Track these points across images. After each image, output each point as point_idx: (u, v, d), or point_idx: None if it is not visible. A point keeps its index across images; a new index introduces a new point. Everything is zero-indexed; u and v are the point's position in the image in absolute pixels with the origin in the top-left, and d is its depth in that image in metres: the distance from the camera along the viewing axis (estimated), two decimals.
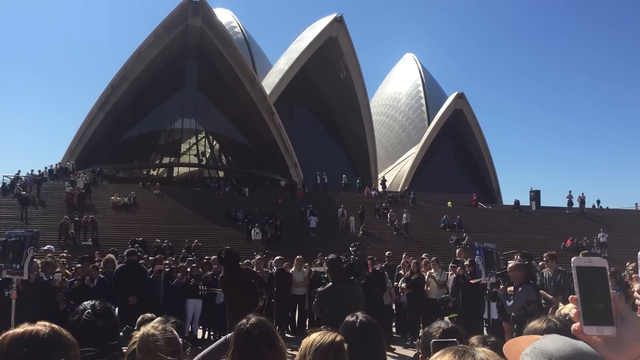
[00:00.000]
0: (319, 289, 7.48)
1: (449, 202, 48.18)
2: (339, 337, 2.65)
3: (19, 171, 41.53)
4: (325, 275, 13.77)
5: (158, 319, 2.80)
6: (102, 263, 12.99)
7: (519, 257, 10.49)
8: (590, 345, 1.20)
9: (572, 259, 1.27)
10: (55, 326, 1.97)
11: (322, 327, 2.81)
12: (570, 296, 1.25)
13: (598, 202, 52.51)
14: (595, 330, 1.18)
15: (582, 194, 47.86)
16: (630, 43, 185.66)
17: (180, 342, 2.70)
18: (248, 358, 2.91)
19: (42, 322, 1.94)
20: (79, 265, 12.59)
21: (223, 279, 9.13)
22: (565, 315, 3.09)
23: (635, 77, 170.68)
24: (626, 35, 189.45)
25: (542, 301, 9.72)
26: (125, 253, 12.60)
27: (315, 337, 2.59)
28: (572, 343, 1.25)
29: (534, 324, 2.84)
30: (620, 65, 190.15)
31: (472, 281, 10.61)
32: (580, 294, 1.21)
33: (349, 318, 3.34)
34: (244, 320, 3.14)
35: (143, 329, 2.60)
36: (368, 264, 14.08)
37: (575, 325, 1.21)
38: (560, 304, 7.48)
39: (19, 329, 1.89)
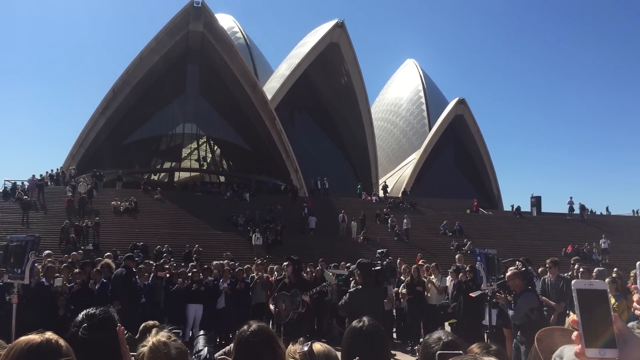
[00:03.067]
0: (351, 290, 7.79)
1: (468, 210, 48.39)
2: (333, 351, 2.66)
3: (41, 174, 41.49)
4: (343, 277, 13.87)
5: (163, 330, 2.77)
6: (98, 267, 12.90)
7: (519, 264, 10.46)
8: None
9: (573, 282, 1.26)
10: (52, 337, 2.00)
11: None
12: (572, 319, 1.25)
13: (607, 209, 53.04)
14: (597, 352, 1.18)
15: (579, 203, 47.89)
16: (630, 48, 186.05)
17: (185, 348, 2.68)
18: None
19: (40, 333, 1.99)
20: (76, 271, 12.56)
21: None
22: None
23: (636, 82, 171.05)
24: (627, 39, 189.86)
25: (544, 308, 9.71)
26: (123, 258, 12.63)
27: (319, 348, 2.59)
28: None
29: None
30: (621, 71, 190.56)
31: (472, 294, 10.61)
32: (582, 317, 1.21)
33: (355, 323, 3.34)
34: (245, 327, 3.13)
35: (153, 339, 2.55)
36: (396, 270, 14.08)
37: (577, 348, 1.20)
38: (571, 313, 7.46)
39: (13, 343, 1.94)
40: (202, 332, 3.50)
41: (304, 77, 59.91)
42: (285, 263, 9.50)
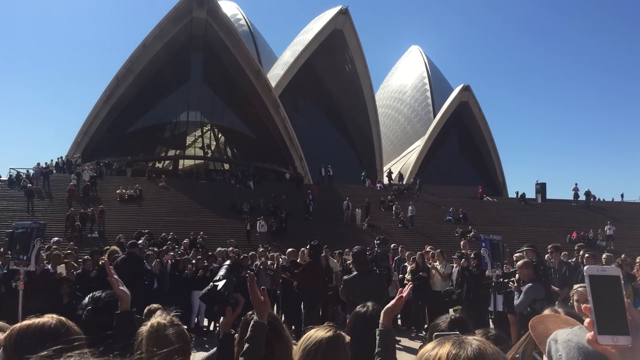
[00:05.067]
0: (345, 277, 8.09)
1: (486, 197, 48.43)
2: (330, 333, 2.54)
3: (46, 162, 41.98)
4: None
5: (159, 311, 2.78)
6: (106, 255, 12.99)
7: (526, 253, 10.41)
8: (606, 355, 1.18)
9: (585, 268, 1.25)
10: (62, 318, 2.05)
11: (326, 323, 2.77)
12: (584, 305, 1.23)
13: (621, 196, 53.18)
14: (609, 339, 1.17)
15: (586, 189, 47.74)
16: (637, 36, 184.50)
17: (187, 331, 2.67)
18: None
19: (50, 315, 2.05)
20: (86, 257, 12.65)
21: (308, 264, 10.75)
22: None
23: None
24: (634, 28, 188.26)
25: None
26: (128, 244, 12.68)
27: (309, 334, 2.51)
28: None
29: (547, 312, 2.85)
30: (627, 58, 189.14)
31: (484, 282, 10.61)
32: (594, 303, 1.20)
33: (358, 309, 3.35)
34: (250, 312, 3.15)
35: (153, 320, 2.56)
36: (389, 256, 14.18)
37: (589, 335, 1.19)
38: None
39: (27, 321, 2.00)
40: (228, 262, 3.45)
41: (308, 64, 59.67)
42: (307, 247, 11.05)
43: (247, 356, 2.67)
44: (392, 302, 2.98)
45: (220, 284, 2.87)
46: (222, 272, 2.98)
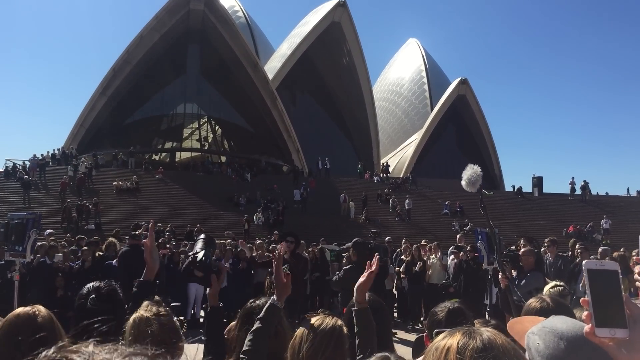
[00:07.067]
0: (345, 267, 8.13)
1: (490, 192, 48.32)
2: (339, 322, 2.47)
3: (42, 154, 41.92)
4: (335, 253, 14.06)
5: (146, 302, 2.71)
6: (103, 247, 12.96)
7: (523, 242, 10.46)
8: (603, 348, 1.20)
9: (584, 262, 1.27)
10: (51, 314, 2.04)
11: (319, 311, 2.73)
12: (582, 298, 1.25)
13: (627, 190, 53.36)
14: (607, 332, 1.18)
15: (583, 181, 47.77)
16: (632, 30, 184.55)
17: (177, 322, 2.56)
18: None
19: (40, 308, 2.03)
20: (84, 248, 12.63)
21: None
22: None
23: (638, 64, 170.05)
24: (629, 21, 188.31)
25: None
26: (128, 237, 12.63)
27: (314, 323, 2.41)
28: (581, 324, 1.26)
29: (531, 301, 2.90)
30: (623, 52, 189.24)
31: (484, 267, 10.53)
32: (592, 296, 1.21)
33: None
34: (252, 300, 3.17)
35: (137, 313, 2.45)
36: (388, 249, 14.17)
37: (586, 327, 1.21)
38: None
39: (16, 311, 1.99)
40: (202, 235, 3.49)
41: (306, 57, 59.46)
42: (288, 239, 9.51)
43: (255, 334, 2.64)
44: (363, 277, 2.98)
45: (200, 254, 2.94)
46: (199, 245, 3.05)
